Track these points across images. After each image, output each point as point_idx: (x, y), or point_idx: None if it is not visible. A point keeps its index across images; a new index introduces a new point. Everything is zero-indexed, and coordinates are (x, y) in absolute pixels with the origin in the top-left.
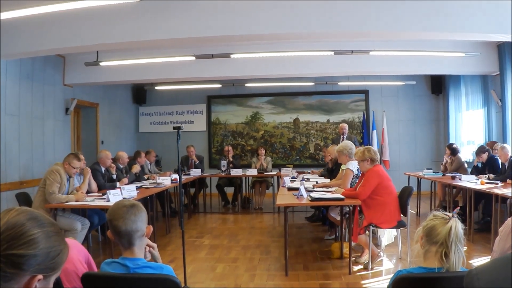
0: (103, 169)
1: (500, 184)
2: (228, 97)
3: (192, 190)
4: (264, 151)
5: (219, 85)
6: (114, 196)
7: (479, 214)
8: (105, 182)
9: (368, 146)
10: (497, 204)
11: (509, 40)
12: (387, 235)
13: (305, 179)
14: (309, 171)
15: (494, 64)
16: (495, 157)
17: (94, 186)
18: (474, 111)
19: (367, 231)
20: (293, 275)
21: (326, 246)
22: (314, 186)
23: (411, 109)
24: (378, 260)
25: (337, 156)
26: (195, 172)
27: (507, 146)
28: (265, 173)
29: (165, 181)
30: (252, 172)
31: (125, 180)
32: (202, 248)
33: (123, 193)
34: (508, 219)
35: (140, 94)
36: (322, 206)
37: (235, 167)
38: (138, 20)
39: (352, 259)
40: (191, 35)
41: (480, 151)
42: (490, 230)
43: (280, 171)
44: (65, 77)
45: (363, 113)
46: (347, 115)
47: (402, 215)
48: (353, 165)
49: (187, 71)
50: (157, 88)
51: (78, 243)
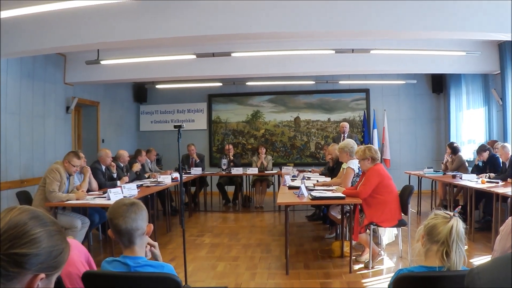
0: (103, 168)
1: (500, 183)
2: (228, 96)
3: (193, 189)
4: (264, 149)
5: (220, 84)
6: (114, 195)
7: (479, 213)
8: (106, 181)
9: (369, 145)
10: (498, 203)
11: (509, 39)
12: (387, 234)
13: (306, 178)
14: (309, 169)
15: (495, 63)
16: (496, 156)
17: (94, 184)
18: (475, 110)
19: (367, 230)
20: (293, 273)
21: (326, 245)
22: (314, 185)
23: (412, 108)
24: (378, 259)
25: (338, 155)
26: (196, 171)
27: (507, 145)
28: (266, 172)
29: (166, 179)
30: (253, 170)
31: (126, 179)
32: (203, 246)
33: (123, 191)
34: (509, 218)
35: (141, 92)
36: (322, 205)
37: (235, 165)
38: (139, 18)
39: (352, 258)
40: (192, 34)
41: (481, 149)
42: (490, 229)
43: (280, 169)
44: (66, 76)
45: (364, 112)
46: (348, 114)
47: (402, 214)
48: (354, 164)
49: (188, 69)
50: (158, 86)
51: (79, 243)
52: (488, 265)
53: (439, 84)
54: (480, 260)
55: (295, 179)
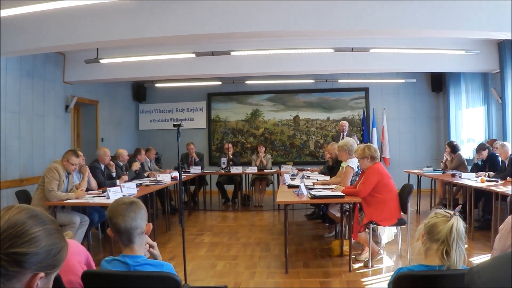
0: (102, 167)
1: (500, 182)
2: (228, 95)
3: (192, 188)
4: (264, 148)
5: (219, 83)
6: (114, 194)
7: (479, 212)
8: (105, 180)
9: (368, 144)
10: (497, 202)
11: (509, 38)
12: (387, 233)
13: (305, 177)
14: (309, 168)
15: (494, 62)
16: (495, 154)
17: (93, 183)
18: (474, 109)
19: (367, 229)
20: (293, 272)
21: (326, 243)
22: (314, 184)
23: (411, 107)
24: (378, 258)
25: (337, 153)
26: (195, 170)
27: (507, 144)
28: (265, 171)
29: (165, 178)
30: (252, 169)
31: (125, 178)
32: (202, 245)
33: (123, 190)
34: (509, 217)
35: (140, 91)
36: (322, 203)
37: (235, 164)
38: (138, 17)
39: (352, 256)
40: (191, 33)
41: (480, 148)
42: (490, 228)
43: (280, 168)
44: (65, 75)
45: (363, 110)
46: (347, 113)
47: (402, 213)
48: (354, 163)
49: (187, 68)
50: (157, 85)
51: (78, 243)
52: (488, 263)
53: (439, 83)
54: (480, 259)
55: (295, 178)
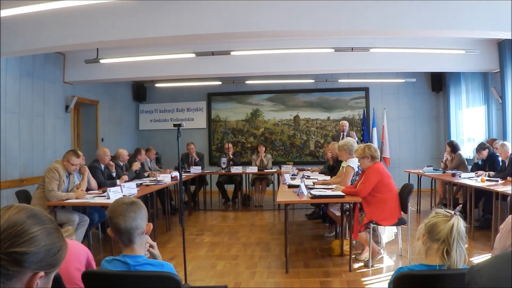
0: (102, 167)
1: (500, 181)
2: (228, 95)
3: (193, 188)
4: (264, 148)
5: (219, 83)
6: (114, 194)
7: (479, 211)
8: (105, 180)
9: (368, 143)
10: (498, 202)
11: (509, 38)
12: (387, 233)
13: (305, 177)
14: (309, 168)
15: (494, 62)
16: (496, 154)
17: (93, 184)
18: (474, 108)
19: (367, 229)
20: (293, 272)
21: (326, 243)
22: (314, 184)
23: (411, 107)
24: (378, 258)
25: (337, 153)
26: (195, 170)
27: (507, 143)
28: (265, 171)
29: (165, 178)
30: (252, 169)
31: (125, 178)
32: (203, 245)
33: (123, 190)
34: (509, 216)
35: (140, 91)
36: (322, 203)
37: (235, 164)
38: (138, 17)
39: (352, 256)
40: (191, 32)
41: (480, 148)
42: (490, 228)
43: (280, 168)
44: (65, 75)
45: (363, 110)
46: (347, 112)
47: (402, 213)
48: (354, 163)
49: (187, 68)
50: (157, 85)
51: (78, 243)
52: (488, 262)
53: (439, 83)
54: (480, 258)
55: (295, 178)
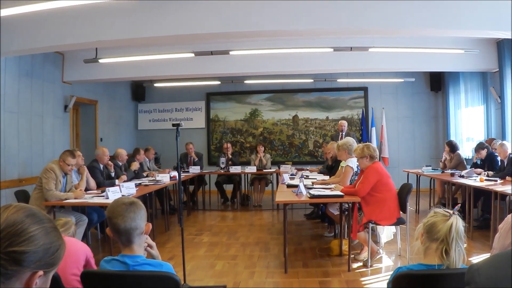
0: (101, 167)
1: (499, 181)
2: (227, 94)
3: (191, 188)
4: (263, 148)
5: (218, 82)
6: (113, 194)
7: (478, 211)
8: (104, 180)
9: (367, 143)
10: (497, 201)
11: (508, 37)
12: (386, 232)
13: (304, 176)
14: (308, 168)
15: (493, 61)
16: (494, 153)
17: (92, 183)
18: (473, 108)
19: (366, 228)
20: (292, 272)
21: (325, 243)
22: (313, 183)
23: (410, 106)
24: (377, 257)
25: (337, 153)
26: (194, 169)
27: (506, 143)
28: (264, 170)
29: (164, 178)
30: (251, 169)
31: (124, 177)
32: (201, 245)
33: (122, 190)
34: (508, 216)
35: (139, 91)
36: (321, 203)
37: (234, 164)
38: (137, 17)
39: (351, 256)
40: (190, 32)
41: (479, 147)
42: (489, 227)
43: (279, 168)
44: (64, 74)
45: (362, 110)
46: (346, 112)
47: (401, 212)
48: (353, 162)
49: (186, 68)
50: (156, 85)
51: (77, 241)
52: (488, 261)
53: (438, 82)
54: (479, 258)
55: (294, 178)
